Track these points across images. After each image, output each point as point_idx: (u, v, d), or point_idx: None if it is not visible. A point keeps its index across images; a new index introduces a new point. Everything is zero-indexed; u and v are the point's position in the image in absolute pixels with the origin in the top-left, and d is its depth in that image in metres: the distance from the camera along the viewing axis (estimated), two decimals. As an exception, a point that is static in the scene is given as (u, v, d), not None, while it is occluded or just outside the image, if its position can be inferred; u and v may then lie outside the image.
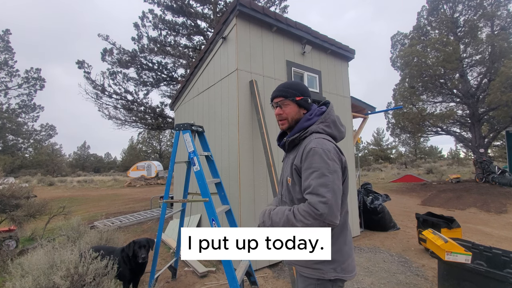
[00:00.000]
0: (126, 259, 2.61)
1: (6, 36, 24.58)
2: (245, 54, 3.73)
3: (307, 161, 1.17)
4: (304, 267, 1.26)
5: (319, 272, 1.21)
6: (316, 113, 1.34)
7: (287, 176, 1.34)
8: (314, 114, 1.33)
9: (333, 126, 1.31)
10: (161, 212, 2.91)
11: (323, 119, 1.30)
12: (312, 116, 1.33)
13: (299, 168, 1.23)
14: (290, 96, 1.34)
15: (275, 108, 1.39)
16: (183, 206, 3.41)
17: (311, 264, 1.23)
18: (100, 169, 53.72)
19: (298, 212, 1.11)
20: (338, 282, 1.23)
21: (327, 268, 1.20)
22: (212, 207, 2.48)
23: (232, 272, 2.29)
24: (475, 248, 2.71)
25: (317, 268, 1.21)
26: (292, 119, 1.35)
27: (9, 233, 4.18)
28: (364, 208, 5.30)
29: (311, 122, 1.30)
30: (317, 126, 1.28)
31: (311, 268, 1.23)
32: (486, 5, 12.65)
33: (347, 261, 1.24)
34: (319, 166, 1.12)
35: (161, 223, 2.91)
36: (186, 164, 3.23)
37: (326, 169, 1.11)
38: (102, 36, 9.85)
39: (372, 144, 44.79)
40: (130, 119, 10.62)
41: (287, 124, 1.36)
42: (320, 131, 1.28)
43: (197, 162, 2.61)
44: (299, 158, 1.24)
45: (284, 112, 1.35)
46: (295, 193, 1.27)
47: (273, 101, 1.39)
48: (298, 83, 1.40)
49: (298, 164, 1.24)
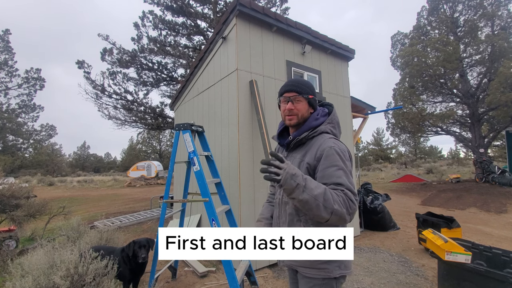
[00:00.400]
0: (126, 259, 2.61)
1: (6, 36, 24.59)
2: (245, 54, 3.73)
3: (328, 159, 1.16)
4: (309, 268, 1.23)
5: (325, 271, 1.20)
6: (322, 114, 1.35)
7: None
8: (321, 114, 1.35)
9: (338, 128, 1.35)
10: (161, 212, 2.91)
11: (330, 120, 1.32)
12: (319, 116, 1.34)
13: (312, 166, 1.21)
14: (304, 93, 1.31)
15: (286, 102, 1.34)
16: (183, 206, 3.41)
17: (316, 265, 1.21)
18: (100, 169, 53.70)
19: (336, 195, 1.05)
20: (341, 279, 1.24)
21: (333, 266, 1.20)
22: (212, 207, 2.48)
23: (232, 272, 2.29)
24: (475, 248, 2.71)
25: (323, 267, 1.20)
26: (302, 116, 1.32)
27: (9, 233, 4.18)
28: (364, 208, 5.30)
29: (319, 122, 1.31)
30: (325, 126, 1.30)
31: (316, 269, 1.21)
32: (486, 5, 12.65)
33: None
34: (341, 164, 1.14)
35: (161, 223, 2.91)
36: (186, 164, 3.22)
37: (347, 168, 1.16)
38: (102, 36, 9.85)
39: (372, 144, 44.81)
40: (130, 119, 10.62)
41: (295, 120, 1.32)
42: (328, 131, 1.29)
43: (197, 162, 2.61)
44: (312, 156, 1.22)
45: (295, 107, 1.31)
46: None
47: (284, 95, 1.34)
48: (310, 82, 1.39)
49: (312, 162, 1.21)
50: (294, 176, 1.02)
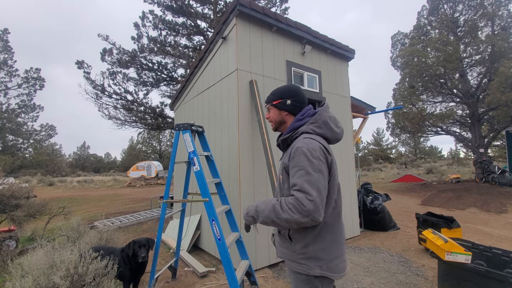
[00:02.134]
0: (126, 259, 2.61)
1: (5, 35, 24.56)
2: (245, 54, 3.73)
3: (294, 160, 1.21)
4: (293, 261, 1.30)
5: (305, 267, 1.24)
6: (309, 114, 1.38)
7: (279, 174, 1.39)
8: (307, 114, 1.38)
9: (325, 127, 1.33)
10: (161, 212, 2.91)
11: (313, 120, 1.34)
12: (304, 117, 1.37)
13: (287, 166, 1.28)
14: (269, 101, 1.49)
15: None
16: (183, 206, 3.41)
17: (298, 259, 1.27)
18: (100, 169, 53.70)
19: (285, 204, 1.14)
20: (325, 279, 1.25)
21: (312, 264, 1.23)
22: (212, 207, 2.48)
23: (232, 272, 2.29)
24: (475, 248, 2.71)
25: (303, 263, 1.25)
26: (275, 121, 1.47)
27: (9, 233, 4.18)
28: (364, 208, 5.30)
29: (303, 122, 1.35)
30: (307, 126, 1.33)
31: (297, 263, 1.27)
32: (486, 4, 12.65)
33: (335, 261, 1.25)
34: (304, 164, 1.17)
35: (161, 223, 2.91)
36: (186, 164, 3.22)
37: (311, 167, 1.15)
38: (102, 36, 9.85)
39: (372, 144, 44.81)
40: (130, 119, 10.61)
41: (273, 126, 1.50)
42: (309, 131, 1.31)
43: (197, 162, 2.60)
44: (287, 157, 1.29)
45: (269, 115, 1.50)
46: (284, 190, 1.32)
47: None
48: (281, 88, 1.49)
49: (286, 163, 1.29)
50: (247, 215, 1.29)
